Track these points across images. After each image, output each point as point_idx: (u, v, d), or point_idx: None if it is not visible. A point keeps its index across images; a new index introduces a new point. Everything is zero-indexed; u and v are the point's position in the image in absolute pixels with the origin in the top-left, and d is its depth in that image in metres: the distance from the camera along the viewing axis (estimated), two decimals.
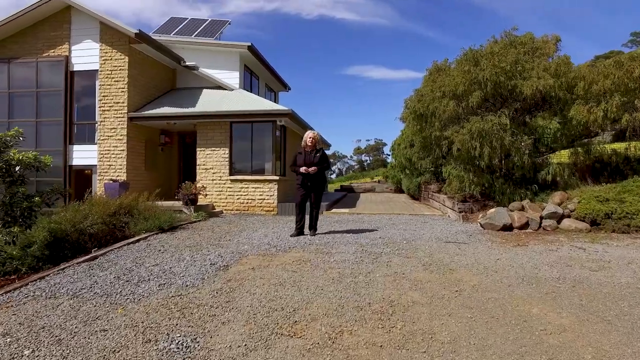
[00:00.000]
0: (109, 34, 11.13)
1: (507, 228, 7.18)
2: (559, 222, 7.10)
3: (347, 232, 6.88)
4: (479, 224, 7.63)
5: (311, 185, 6.38)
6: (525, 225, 7.20)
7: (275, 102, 18.91)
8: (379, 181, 23.96)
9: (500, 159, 8.62)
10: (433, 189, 12.34)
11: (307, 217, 6.59)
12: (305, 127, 13.47)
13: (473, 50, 8.46)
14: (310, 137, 6.45)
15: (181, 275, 4.08)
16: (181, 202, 9.91)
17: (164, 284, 3.80)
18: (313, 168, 6.27)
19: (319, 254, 5.02)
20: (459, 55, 8.68)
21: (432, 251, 5.12)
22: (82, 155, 11.39)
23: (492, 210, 7.86)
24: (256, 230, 7.23)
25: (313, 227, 6.54)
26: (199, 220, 9.11)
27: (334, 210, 11.13)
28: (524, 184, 8.37)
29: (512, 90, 8.05)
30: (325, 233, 6.69)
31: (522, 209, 7.65)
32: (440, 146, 9.04)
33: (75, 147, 11.44)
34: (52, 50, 11.43)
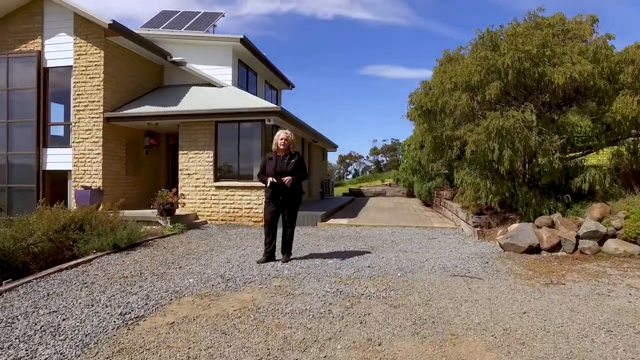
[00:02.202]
0: (84, 26, 10.10)
1: (534, 250, 5.75)
2: (600, 243, 5.62)
3: (331, 255, 5.57)
4: (497, 244, 6.21)
5: (284, 200, 5.09)
6: (556, 247, 5.74)
7: (277, 100, 17.73)
8: (389, 184, 22.48)
9: (523, 162, 7.16)
10: (445, 195, 10.89)
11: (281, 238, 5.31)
12: (302, 126, 12.22)
13: (491, 32, 7.02)
14: (282, 139, 5.16)
15: (63, 336, 2.87)
16: (157, 212, 8.78)
17: (20, 358, 2.58)
18: (287, 178, 4.99)
19: (278, 295, 3.74)
20: (474, 38, 7.26)
21: (431, 293, 3.77)
22: (57, 159, 10.41)
23: (515, 226, 6.42)
24: (224, 251, 6.00)
25: (286, 251, 5.25)
26: (171, 234, 7.95)
27: (330, 220, 9.83)
28: (553, 193, 6.88)
29: (538, 80, 6.58)
30: (301, 258, 5.39)
31: (552, 225, 6.19)
32: (451, 147, 7.63)
33: (50, 151, 10.47)
34: (24, 45, 10.49)
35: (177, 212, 9.44)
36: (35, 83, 10.34)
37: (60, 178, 10.58)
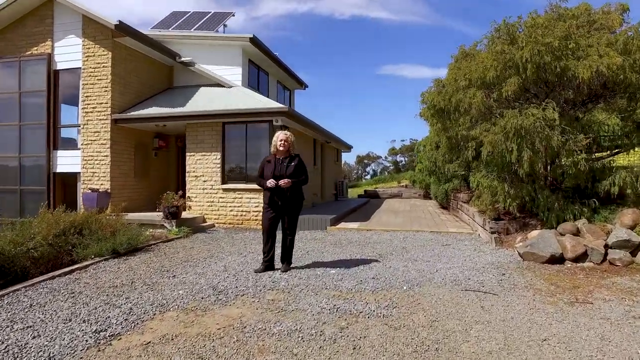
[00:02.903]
0: (92, 28, 10.05)
1: (557, 260, 5.27)
2: (633, 253, 5.10)
3: (335, 264, 5.23)
4: (516, 252, 5.75)
5: (283, 205, 4.78)
6: (582, 257, 5.25)
7: (290, 101, 17.48)
8: (406, 185, 21.93)
9: (545, 164, 6.66)
10: (462, 198, 10.38)
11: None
12: (313, 127, 11.91)
13: (508, 24, 6.53)
14: (281, 140, 4.85)
15: (25, 359, 2.62)
16: (162, 216, 8.60)
17: None
18: (285, 181, 4.67)
19: (268, 311, 3.42)
20: (489, 31, 6.78)
21: (438, 312, 3.38)
22: (67, 161, 10.39)
23: (535, 233, 5.95)
24: (224, 258, 5.73)
25: (286, 260, 4.94)
26: (175, 238, 7.75)
27: (341, 224, 9.47)
28: (578, 197, 6.36)
29: (561, 75, 6.08)
30: (302, 267, 5.07)
31: (577, 232, 5.69)
32: (466, 148, 7.18)
33: (60, 153, 10.46)
34: (35, 48, 10.52)
35: (184, 215, 9.26)
36: (46, 85, 10.35)
37: (71, 180, 10.57)
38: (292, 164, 4.84)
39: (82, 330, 3.06)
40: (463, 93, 6.72)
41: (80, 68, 10.18)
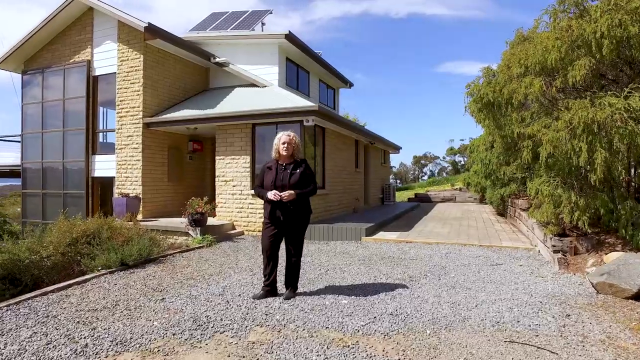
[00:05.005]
0: (125, 32, 10.03)
1: None
2: None
3: (352, 290, 4.38)
4: (587, 280, 4.52)
5: (285, 220, 4.01)
6: None
7: (334, 100, 16.75)
8: (460, 189, 20.25)
9: (627, 168, 5.30)
10: (521, 205, 8.99)
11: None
12: (352, 127, 11.08)
13: None
14: (284, 143, 4.10)
15: None
16: (186, 223, 8.24)
17: None
18: (288, 194, 3.91)
19: None
20: (550, 5, 5.49)
21: None
22: (104, 165, 10.49)
23: (614, 255, 4.66)
24: (230, 276, 5.10)
25: (291, 285, 4.17)
26: (196, 248, 7.31)
27: (379, 234, 8.54)
28: None
29: None
30: (310, 293, 4.27)
31: None
32: (519, 149, 5.98)
33: (98, 158, 10.59)
34: (77, 56, 10.75)
35: (212, 221, 8.87)
36: (85, 91, 10.52)
37: (108, 184, 10.66)
38: (298, 170, 4.07)
39: None
40: (517, 82, 5.55)
41: (115, 73, 10.21)
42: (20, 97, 11.72)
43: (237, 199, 9.39)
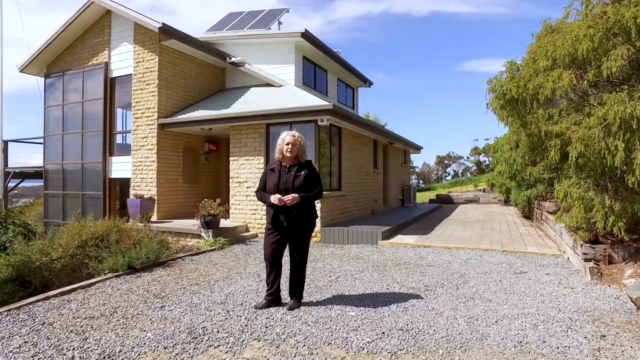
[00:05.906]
0: (141, 33, 10.04)
1: None
2: None
3: (361, 300, 4.10)
4: (624, 293, 4.09)
5: (289, 226, 3.76)
6: None
7: (353, 99, 16.43)
8: (484, 189, 19.52)
9: None
10: (548, 207, 8.45)
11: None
12: (369, 126, 10.76)
13: None
14: (287, 143, 3.86)
15: None
16: (198, 225, 8.13)
17: None
18: (291, 197, 3.67)
19: None
20: None
21: None
22: (120, 167, 10.53)
23: None
24: (236, 282, 4.90)
25: (295, 295, 3.92)
26: (207, 251, 7.18)
27: (396, 237, 8.20)
28: None
29: None
30: (316, 303, 4.00)
31: None
32: (546, 149, 5.53)
33: (114, 159, 10.65)
34: (95, 58, 10.85)
35: (225, 223, 8.74)
36: (102, 93, 10.60)
37: (126, 186, 10.70)
38: (302, 173, 3.82)
39: None
40: (544, 76, 5.12)
41: (131, 74, 10.24)
42: (43, 100, 11.96)
43: (250, 201, 9.22)
